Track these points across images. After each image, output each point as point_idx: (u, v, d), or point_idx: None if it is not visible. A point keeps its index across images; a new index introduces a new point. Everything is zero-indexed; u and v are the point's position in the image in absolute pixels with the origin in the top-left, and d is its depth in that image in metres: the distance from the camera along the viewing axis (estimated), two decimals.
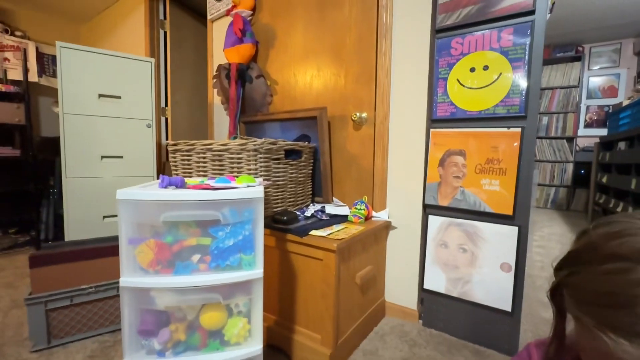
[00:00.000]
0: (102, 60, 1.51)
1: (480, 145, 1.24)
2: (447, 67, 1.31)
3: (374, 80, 1.48)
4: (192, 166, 1.34)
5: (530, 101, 1.16)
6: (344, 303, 1.14)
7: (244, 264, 0.82)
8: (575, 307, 0.32)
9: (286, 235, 1.16)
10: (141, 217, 0.76)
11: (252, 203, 0.81)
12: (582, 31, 4.17)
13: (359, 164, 1.54)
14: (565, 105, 4.49)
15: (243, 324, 0.84)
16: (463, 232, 1.29)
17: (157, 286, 0.76)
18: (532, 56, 1.14)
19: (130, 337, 0.78)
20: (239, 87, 1.80)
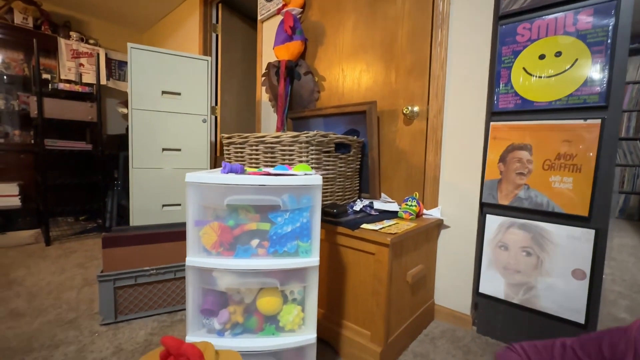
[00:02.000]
0: (165, 59, 1.62)
1: (550, 139, 1.14)
2: (511, 56, 1.22)
3: (427, 72, 1.42)
4: (245, 158, 1.38)
5: (614, 89, 1.03)
6: (394, 301, 1.10)
7: (301, 251, 0.82)
8: None
9: (337, 228, 1.15)
10: (207, 200, 0.79)
11: (310, 190, 0.81)
12: None
13: (408, 159, 1.49)
14: (637, 103, 3.99)
15: (297, 312, 0.84)
16: (527, 234, 1.19)
17: (219, 267, 0.78)
18: (616, 39, 1.02)
19: (194, 315, 0.82)
20: (287, 84, 1.84)
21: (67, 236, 2.50)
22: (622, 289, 1.79)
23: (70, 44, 2.96)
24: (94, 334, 1.22)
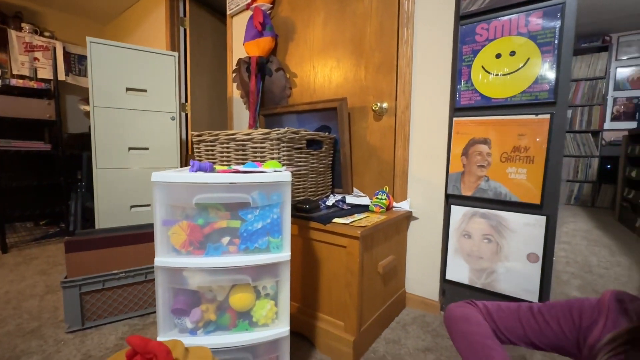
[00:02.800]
0: (129, 54, 1.56)
1: (506, 134, 1.22)
2: (471, 54, 1.28)
3: (395, 70, 1.46)
4: (216, 156, 1.37)
5: (561, 87, 1.12)
6: (366, 291, 1.15)
7: (272, 246, 0.84)
8: None
9: (309, 223, 1.17)
10: (174, 199, 0.78)
11: (280, 187, 0.83)
12: (609, 20, 3.99)
13: (379, 154, 1.54)
14: (590, 98, 4.32)
15: (270, 306, 0.85)
16: (488, 222, 1.27)
17: (189, 266, 0.78)
18: (562, 40, 1.11)
19: (165, 315, 0.81)
20: (259, 80, 1.82)
21: (27, 242, 2.35)
22: (575, 270, 1.95)
23: (22, 36, 2.75)
24: (59, 342, 1.17)
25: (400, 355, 1.14)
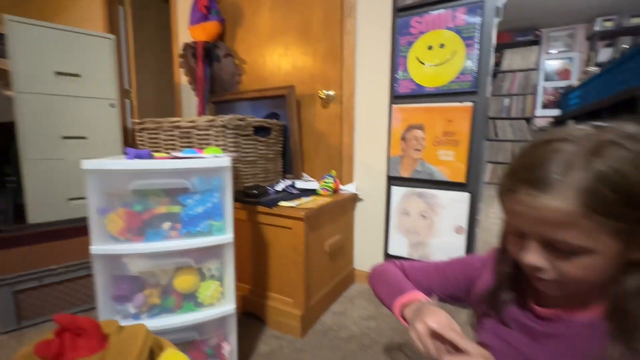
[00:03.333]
0: (57, 35, 1.43)
1: (437, 120, 1.34)
2: (407, 45, 1.38)
3: (340, 59, 1.52)
4: (160, 144, 1.34)
5: (481, 78, 1.25)
6: (314, 269, 1.22)
7: (214, 229, 0.87)
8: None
9: (257, 207, 1.21)
10: (109, 187, 0.78)
11: (219, 172, 0.85)
12: (539, 16, 4.40)
13: (327, 140, 1.60)
14: (524, 88, 4.77)
15: (216, 287, 0.89)
16: (423, 201, 1.40)
17: (128, 252, 0.78)
18: (483, 35, 1.23)
19: (105, 303, 0.81)
20: (207, 66, 1.78)
21: None
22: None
23: None
24: None
25: (345, 324, 1.24)
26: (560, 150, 0.34)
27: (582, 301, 0.40)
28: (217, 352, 0.92)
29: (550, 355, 0.41)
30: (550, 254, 0.36)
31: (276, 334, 1.18)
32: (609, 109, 2.23)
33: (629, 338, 0.34)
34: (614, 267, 0.35)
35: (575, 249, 0.33)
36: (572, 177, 0.32)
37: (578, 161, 0.32)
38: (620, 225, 0.32)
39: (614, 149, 0.32)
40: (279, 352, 1.08)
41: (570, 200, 0.32)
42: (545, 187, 0.33)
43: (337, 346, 1.11)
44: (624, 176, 0.30)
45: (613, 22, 4.18)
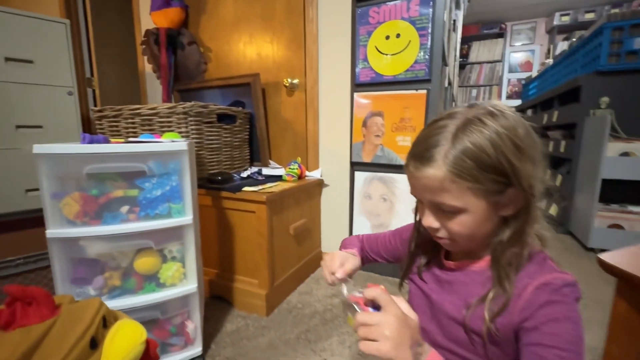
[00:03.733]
0: (5, 19, 1.37)
1: (395, 106, 1.41)
2: (366, 35, 1.43)
3: (303, 47, 1.55)
4: (121, 132, 1.33)
5: (434, 67, 1.33)
6: (278, 251, 1.27)
7: (173, 212, 0.89)
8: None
9: (221, 193, 1.24)
10: (63, 171, 0.78)
11: (177, 155, 0.87)
12: (504, 10, 4.58)
13: (293, 128, 1.64)
14: (491, 79, 4.98)
15: (177, 267, 0.92)
16: (383, 184, 1.48)
17: (85, 235, 0.80)
18: (434, 26, 1.30)
19: (63, 287, 0.82)
20: (170, 54, 1.76)
21: None
22: None
23: None
24: None
25: (310, 302, 1.31)
26: (440, 127, 0.41)
27: (475, 254, 0.47)
28: (180, 330, 0.95)
29: (449, 297, 0.48)
30: (439, 215, 0.43)
31: (243, 314, 1.23)
32: (559, 97, 2.41)
33: (501, 279, 0.41)
34: (491, 223, 0.42)
35: (453, 209, 0.40)
36: (444, 151, 0.39)
37: (450, 136, 0.39)
38: (480, 187, 0.39)
39: (476, 125, 0.39)
40: (244, 330, 1.13)
41: (442, 169, 0.39)
42: (425, 159, 0.40)
43: (301, 321, 1.18)
44: (481, 148, 0.38)
45: (569, 17, 4.43)
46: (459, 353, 0.47)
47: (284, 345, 1.05)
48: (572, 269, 1.58)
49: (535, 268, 0.42)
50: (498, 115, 0.39)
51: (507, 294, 0.40)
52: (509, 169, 0.38)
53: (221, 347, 1.05)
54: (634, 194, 1.94)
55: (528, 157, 0.39)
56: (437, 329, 0.50)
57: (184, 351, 0.95)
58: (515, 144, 0.38)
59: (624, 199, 1.95)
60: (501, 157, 0.38)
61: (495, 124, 0.38)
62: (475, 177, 0.38)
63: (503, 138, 0.38)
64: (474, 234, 0.42)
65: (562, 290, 0.38)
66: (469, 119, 0.39)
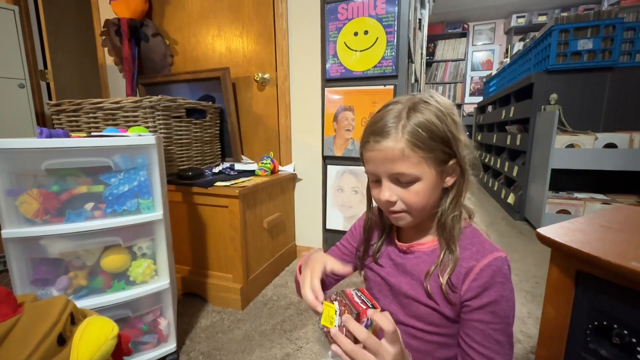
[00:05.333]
0: None
1: (364, 101, 1.45)
2: (336, 31, 1.46)
3: (273, 42, 1.55)
4: (82, 127, 1.26)
5: (400, 63, 1.38)
6: (252, 245, 1.28)
7: (142, 207, 0.87)
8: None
9: (192, 189, 1.22)
10: (19, 167, 0.74)
11: (144, 150, 0.85)
12: (466, 10, 4.81)
13: (265, 122, 1.64)
14: (455, 77, 5.22)
15: (148, 264, 0.90)
16: (354, 177, 1.52)
17: (46, 234, 0.76)
18: (400, 24, 1.36)
19: (23, 289, 0.78)
20: (133, 46, 1.69)
21: None
22: None
23: None
24: None
25: (285, 294, 1.33)
26: (393, 109, 0.46)
27: (423, 232, 0.53)
28: (153, 327, 0.94)
29: (404, 279, 0.52)
30: (396, 187, 0.47)
31: (217, 309, 1.22)
32: (515, 93, 2.59)
33: (448, 242, 0.48)
34: (437, 192, 0.48)
35: (410, 177, 0.45)
36: (401, 125, 0.44)
37: (404, 114, 0.45)
38: (432, 156, 0.45)
39: (424, 105, 0.46)
40: (220, 324, 1.13)
41: (401, 141, 0.44)
42: (384, 134, 0.45)
43: (276, 313, 1.20)
44: (431, 122, 0.44)
45: (525, 19, 4.74)
46: (420, 327, 0.51)
47: (260, 336, 1.06)
48: (527, 252, 1.72)
49: (474, 243, 0.48)
50: (435, 98, 0.47)
51: (455, 254, 0.47)
52: (452, 139, 0.45)
53: (196, 342, 1.04)
54: (578, 182, 2.15)
55: (461, 132, 0.47)
56: (398, 308, 0.54)
57: (157, 348, 0.94)
58: (454, 119, 0.46)
59: (570, 187, 2.15)
60: (446, 129, 0.45)
61: (435, 103, 0.46)
62: (429, 147, 0.44)
63: (445, 114, 0.45)
64: (426, 203, 0.47)
65: (502, 270, 0.45)
66: (415, 102, 0.46)
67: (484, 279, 0.44)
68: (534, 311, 1.18)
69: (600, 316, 0.40)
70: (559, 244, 0.44)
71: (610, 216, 0.55)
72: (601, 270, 0.39)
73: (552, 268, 0.46)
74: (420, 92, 0.50)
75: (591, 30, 1.97)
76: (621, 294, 0.38)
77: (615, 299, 0.39)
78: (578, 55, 2.00)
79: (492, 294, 0.44)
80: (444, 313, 0.48)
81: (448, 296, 0.46)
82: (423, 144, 0.44)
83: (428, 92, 0.48)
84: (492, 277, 0.44)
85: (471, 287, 0.45)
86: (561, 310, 0.44)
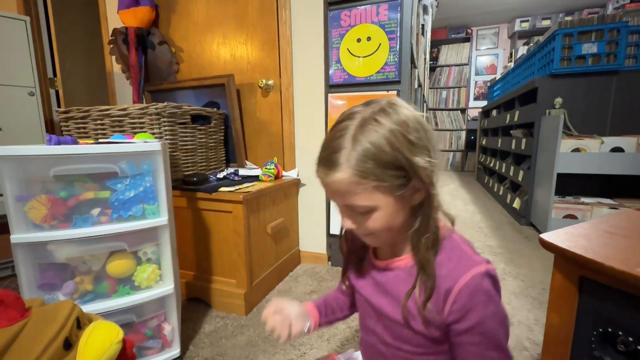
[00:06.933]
0: None
1: None
2: (339, 37, 1.47)
3: (277, 49, 1.57)
4: (90, 134, 1.29)
5: (403, 68, 1.39)
6: (256, 250, 1.28)
7: (148, 213, 0.88)
8: None
9: (196, 194, 1.23)
10: (28, 173, 0.76)
11: (150, 156, 0.87)
12: (469, 15, 4.83)
13: (268, 128, 1.65)
14: (459, 81, 5.22)
15: (153, 269, 0.91)
16: None
17: (54, 239, 0.78)
18: (402, 30, 1.37)
19: (30, 293, 0.79)
20: (140, 54, 1.72)
21: None
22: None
23: None
24: None
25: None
26: (341, 130, 0.41)
27: (399, 249, 0.49)
28: (157, 332, 0.94)
29: (385, 300, 0.49)
30: (354, 216, 0.44)
31: (221, 315, 1.23)
32: (519, 98, 2.58)
33: (423, 265, 0.43)
34: (403, 214, 0.44)
35: (364, 209, 0.42)
36: (346, 154, 0.40)
37: (349, 139, 0.40)
38: (384, 184, 0.40)
39: (372, 125, 0.40)
40: (223, 330, 1.13)
41: (347, 172, 0.40)
42: (330, 164, 0.41)
43: None
44: (379, 148, 0.39)
45: (529, 23, 4.74)
46: (407, 349, 0.49)
47: (263, 342, 1.06)
48: (533, 257, 1.70)
49: (452, 258, 0.44)
50: (390, 113, 0.41)
51: (431, 278, 0.42)
52: (406, 163, 0.40)
53: (199, 347, 1.04)
54: (585, 187, 2.12)
55: (421, 149, 0.41)
56: (383, 330, 0.51)
57: (162, 354, 0.94)
58: (408, 139, 0.40)
59: (577, 191, 2.13)
60: (397, 154, 0.39)
61: (389, 121, 0.40)
62: (377, 176, 0.39)
63: (397, 135, 0.39)
64: (390, 227, 0.44)
65: (482, 287, 0.41)
66: (365, 119, 0.41)
67: (463, 301, 0.41)
68: (540, 318, 1.16)
69: (605, 323, 0.40)
70: (562, 249, 0.43)
71: (615, 221, 0.55)
72: (605, 276, 0.39)
73: (556, 274, 0.46)
74: (384, 100, 0.43)
75: (595, 34, 1.97)
76: (626, 301, 0.38)
77: (620, 306, 0.39)
78: (582, 59, 1.99)
79: (475, 317, 0.41)
80: (429, 335, 0.45)
81: (428, 319, 0.43)
82: (371, 173, 0.39)
83: (390, 102, 0.42)
84: (471, 298, 0.41)
85: (452, 310, 0.42)
86: (565, 316, 0.44)
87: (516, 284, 1.42)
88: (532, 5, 4.34)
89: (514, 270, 1.55)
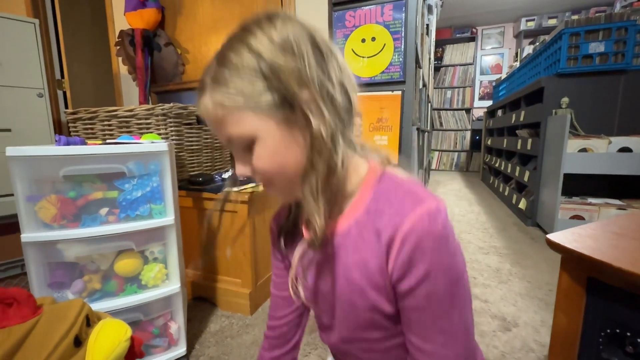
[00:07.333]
0: None
1: (373, 107, 1.46)
2: (343, 38, 1.47)
3: None
4: (97, 135, 1.30)
5: (408, 68, 1.39)
6: (261, 250, 1.29)
7: (154, 213, 0.89)
8: None
9: (202, 194, 1.24)
10: (38, 174, 0.77)
11: (157, 156, 0.88)
12: (474, 14, 4.80)
13: None
14: (464, 81, 5.19)
15: (159, 268, 0.92)
16: None
17: (63, 238, 0.79)
18: (407, 30, 1.36)
19: (40, 292, 0.80)
20: (147, 55, 1.74)
21: None
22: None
23: None
24: None
25: None
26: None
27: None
28: (163, 331, 0.95)
29: (329, 281, 0.40)
30: (243, 157, 0.36)
31: (227, 314, 1.23)
32: (525, 97, 2.56)
33: (309, 220, 0.34)
34: (295, 151, 0.35)
35: (243, 139, 0.34)
36: (210, 72, 0.35)
37: (214, 59, 0.36)
38: (254, 100, 0.33)
39: (242, 34, 0.36)
40: (229, 329, 1.14)
41: (210, 92, 0.34)
42: (202, 85, 0.35)
43: None
44: (238, 52, 0.34)
45: (535, 22, 4.70)
46: (368, 337, 0.40)
47: None
48: (539, 258, 1.69)
49: (392, 201, 0.35)
50: (259, 31, 0.35)
51: (360, 223, 0.36)
52: (267, 69, 0.32)
53: (205, 346, 1.05)
54: (592, 187, 2.10)
55: (301, 55, 0.33)
56: (339, 323, 0.42)
57: (168, 352, 0.95)
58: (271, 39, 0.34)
59: (584, 192, 2.11)
60: (259, 59, 0.32)
61: (262, 34, 0.34)
62: (239, 90, 0.32)
63: (264, 44, 0.34)
64: (282, 168, 0.35)
65: (432, 229, 0.32)
66: (233, 35, 0.37)
67: (407, 251, 0.32)
68: (547, 319, 1.16)
69: (612, 324, 0.40)
70: (570, 250, 0.43)
71: (622, 223, 0.55)
72: (613, 277, 0.39)
73: (563, 275, 0.46)
74: (266, 14, 0.36)
75: (603, 33, 1.95)
76: (634, 302, 0.38)
77: (628, 307, 0.39)
78: (589, 58, 1.97)
79: (420, 269, 0.32)
80: (384, 311, 0.36)
81: (372, 283, 0.35)
82: (233, 87, 0.32)
83: (268, 15, 0.35)
84: (417, 244, 0.32)
85: (396, 266, 0.33)
86: (573, 318, 0.44)
87: (522, 285, 1.41)
88: (538, 4, 4.30)
89: (520, 271, 1.54)
